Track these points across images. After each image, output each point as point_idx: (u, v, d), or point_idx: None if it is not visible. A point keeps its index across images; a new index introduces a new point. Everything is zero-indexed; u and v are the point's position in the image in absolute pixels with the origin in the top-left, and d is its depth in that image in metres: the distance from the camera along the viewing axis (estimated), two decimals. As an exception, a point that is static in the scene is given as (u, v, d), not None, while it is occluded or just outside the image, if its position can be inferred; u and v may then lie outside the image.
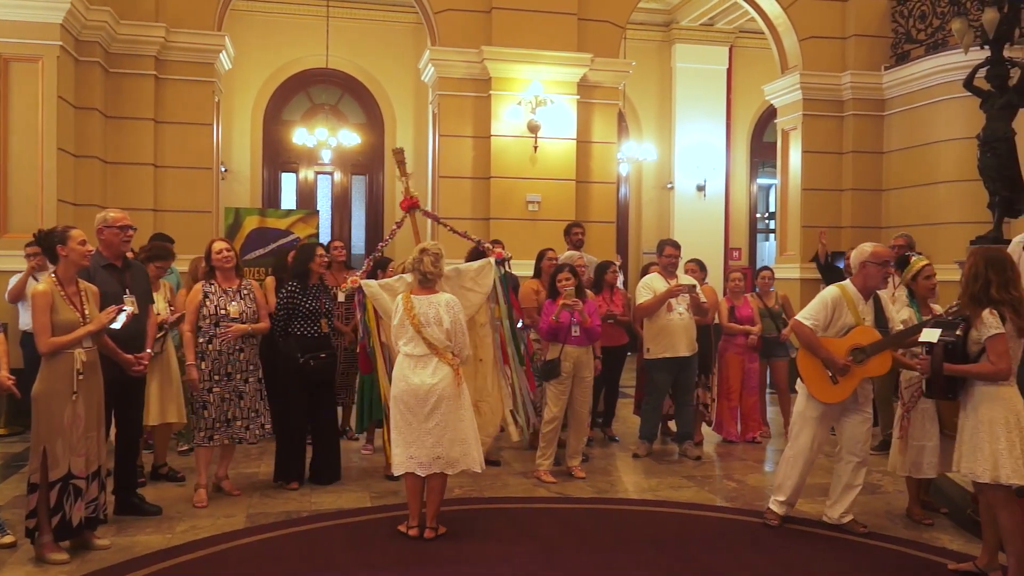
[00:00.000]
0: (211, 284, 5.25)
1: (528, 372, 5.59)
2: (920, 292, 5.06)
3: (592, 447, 6.89)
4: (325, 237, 11.36)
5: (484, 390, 5.29)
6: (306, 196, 13.52)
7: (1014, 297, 3.87)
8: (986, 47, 6.94)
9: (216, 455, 5.40)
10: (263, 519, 4.94)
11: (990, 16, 6.79)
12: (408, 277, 4.93)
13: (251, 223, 7.40)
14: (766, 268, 7.90)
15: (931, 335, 4.10)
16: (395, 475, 4.74)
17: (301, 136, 12.19)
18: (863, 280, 4.72)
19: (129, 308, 4.35)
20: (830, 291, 4.76)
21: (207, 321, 5.17)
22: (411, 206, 5.53)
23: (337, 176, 13.68)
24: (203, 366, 5.15)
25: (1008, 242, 6.87)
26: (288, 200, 13.50)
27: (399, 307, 4.62)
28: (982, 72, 6.95)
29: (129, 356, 4.56)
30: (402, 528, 4.63)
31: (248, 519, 4.94)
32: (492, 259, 5.33)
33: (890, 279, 5.49)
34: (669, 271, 6.61)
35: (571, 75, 9.75)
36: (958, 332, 3.97)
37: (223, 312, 5.19)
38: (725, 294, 7.47)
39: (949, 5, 9.52)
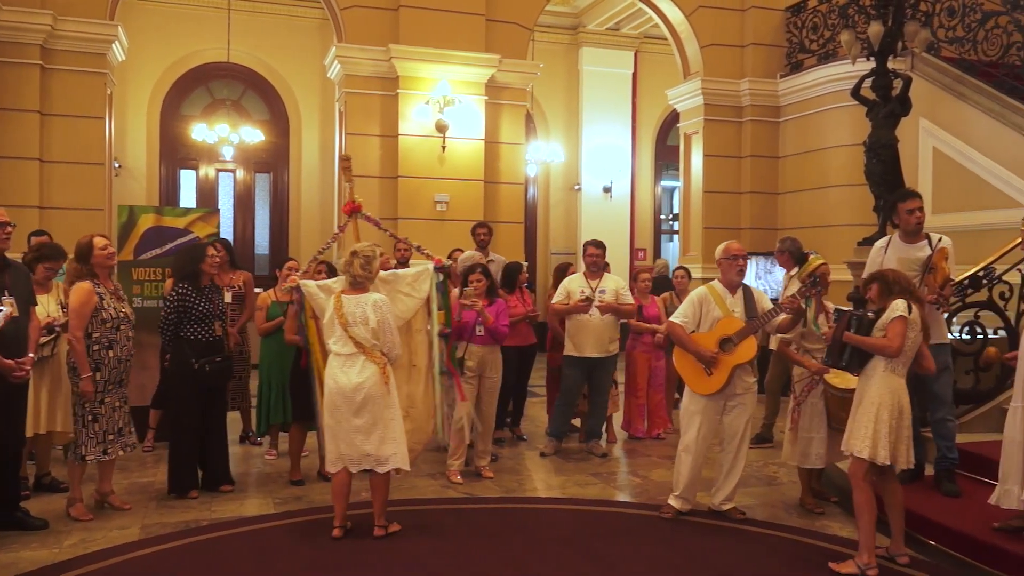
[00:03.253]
0: (98, 285, 4.92)
1: (457, 381, 5.62)
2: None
3: (501, 447, 6.92)
4: (227, 237, 11.04)
5: (415, 396, 5.21)
6: (207, 194, 13.08)
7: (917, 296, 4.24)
8: (872, 58, 7.31)
9: (95, 468, 5.10)
10: (159, 530, 4.75)
11: (875, 29, 7.15)
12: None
13: (146, 222, 7.09)
14: (681, 268, 8.13)
15: (845, 307, 4.48)
16: (330, 473, 4.70)
17: (201, 132, 11.76)
18: (722, 275, 5.14)
19: (7, 308, 4.08)
20: (698, 290, 5.22)
21: (107, 326, 4.86)
22: (353, 210, 5.57)
23: (240, 174, 13.29)
24: (98, 376, 4.85)
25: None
26: (187, 198, 13.03)
27: (330, 306, 4.67)
28: (868, 82, 7.30)
29: (9, 362, 4.30)
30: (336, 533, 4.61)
31: (143, 530, 4.74)
32: (430, 265, 5.33)
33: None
34: (592, 271, 6.71)
35: (479, 75, 9.77)
36: (870, 314, 4.24)
37: (123, 315, 4.94)
38: (633, 293, 7.61)
39: (839, 18, 9.98)
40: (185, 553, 4.39)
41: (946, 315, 5.36)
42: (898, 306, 4.14)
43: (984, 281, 6.05)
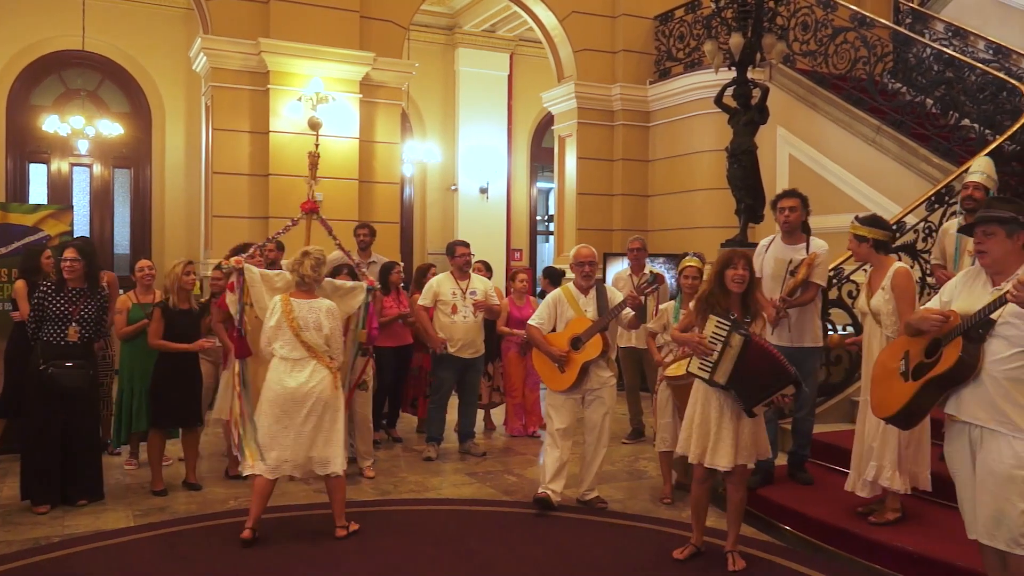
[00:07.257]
0: None
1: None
2: (683, 287, 5.54)
3: (378, 449, 6.82)
4: (83, 235, 10.39)
5: None
6: (60, 190, 12.26)
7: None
8: (733, 68, 7.67)
9: None
10: (5, 548, 4.41)
11: (736, 41, 7.51)
12: (288, 275, 4.87)
13: (-11, 218, 6.60)
14: (523, 272, 8.22)
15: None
16: (262, 476, 4.53)
17: (52, 124, 11.03)
18: (574, 278, 5.36)
19: None
20: (553, 292, 5.43)
21: None
22: (310, 209, 5.52)
23: (97, 169, 12.54)
24: None
25: (753, 245, 7.65)
26: (38, 194, 12.17)
27: (277, 308, 4.56)
28: (731, 90, 7.66)
29: None
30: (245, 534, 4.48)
31: (-15, 551, 4.40)
32: (364, 284, 5.34)
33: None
34: (463, 271, 6.69)
35: (353, 73, 9.62)
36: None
37: None
38: (509, 293, 7.65)
39: (703, 28, 10.43)
40: (34, 572, 4.10)
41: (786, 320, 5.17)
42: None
43: (834, 280, 6.46)
